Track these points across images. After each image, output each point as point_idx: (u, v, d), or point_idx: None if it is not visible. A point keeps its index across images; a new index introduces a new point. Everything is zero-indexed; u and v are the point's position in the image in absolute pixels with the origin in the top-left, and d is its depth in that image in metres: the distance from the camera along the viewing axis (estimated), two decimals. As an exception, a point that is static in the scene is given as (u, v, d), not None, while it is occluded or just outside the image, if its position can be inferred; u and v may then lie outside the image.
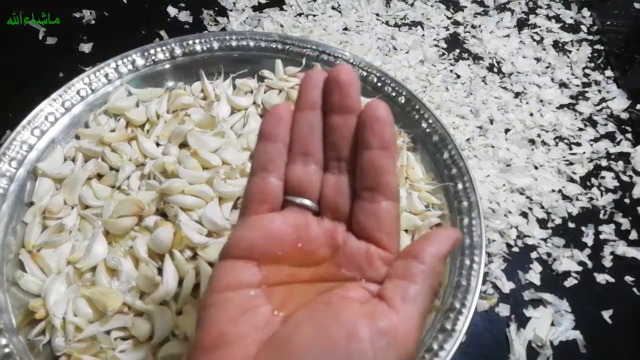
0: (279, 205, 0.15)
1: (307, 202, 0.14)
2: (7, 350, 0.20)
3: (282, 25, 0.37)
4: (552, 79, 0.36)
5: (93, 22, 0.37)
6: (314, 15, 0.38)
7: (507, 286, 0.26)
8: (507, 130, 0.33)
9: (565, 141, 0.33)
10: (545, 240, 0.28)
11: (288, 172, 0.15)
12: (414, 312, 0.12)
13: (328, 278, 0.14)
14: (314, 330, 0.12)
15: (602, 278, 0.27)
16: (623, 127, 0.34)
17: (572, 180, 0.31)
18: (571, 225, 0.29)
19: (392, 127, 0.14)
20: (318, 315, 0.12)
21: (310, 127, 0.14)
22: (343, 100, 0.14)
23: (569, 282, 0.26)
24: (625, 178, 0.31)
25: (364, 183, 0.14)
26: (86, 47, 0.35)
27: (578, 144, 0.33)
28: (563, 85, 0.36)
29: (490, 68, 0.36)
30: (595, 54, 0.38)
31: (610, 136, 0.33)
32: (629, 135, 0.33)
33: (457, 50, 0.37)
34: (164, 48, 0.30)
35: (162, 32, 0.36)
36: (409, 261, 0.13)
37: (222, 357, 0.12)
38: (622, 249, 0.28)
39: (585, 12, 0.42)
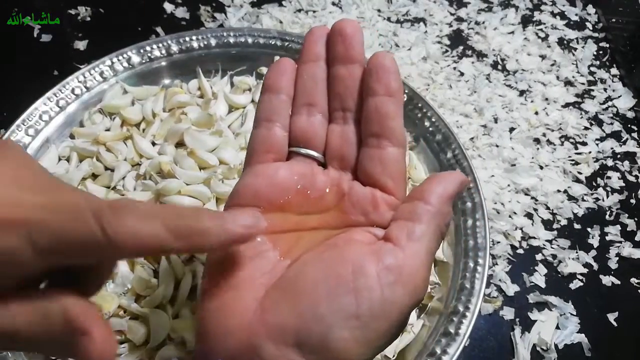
0: (284, 155, 0.15)
1: (312, 152, 0.14)
2: (2, 353, 0.19)
3: (281, 22, 0.37)
4: (558, 77, 0.36)
5: (88, 19, 0.36)
6: (314, 11, 0.38)
7: (511, 289, 0.25)
8: (511, 129, 0.32)
9: (571, 140, 0.32)
10: (550, 241, 0.27)
11: (293, 124, 0.15)
12: (420, 250, 0.12)
13: (334, 225, 0.14)
14: (320, 270, 0.12)
15: (607, 280, 0.26)
16: (629, 126, 0.33)
17: (577, 180, 0.30)
18: (577, 226, 0.28)
19: (397, 75, 0.13)
20: (324, 255, 0.12)
21: (314, 79, 0.14)
22: (347, 51, 0.14)
23: (575, 285, 0.26)
24: (631, 178, 0.31)
25: (370, 129, 0.14)
26: (81, 45, 0.34)
27: (584, 144, 0.32)
28: (568, 83, 0.35)
29: (494, 65, 0.36)
30: (601, 52, 0.38)
31: (616, 135, 0.33)
32: (634, 135, 0.33)
33: (461, 47, 0.37)
34: (160, 45, 0.30)
35: (159, 29, 0.35)
36: (415, 203, 0.13)
37: (230, 299, 0.12)
38: (627, 250, 0.27)
39: (590, 9, 0.41)
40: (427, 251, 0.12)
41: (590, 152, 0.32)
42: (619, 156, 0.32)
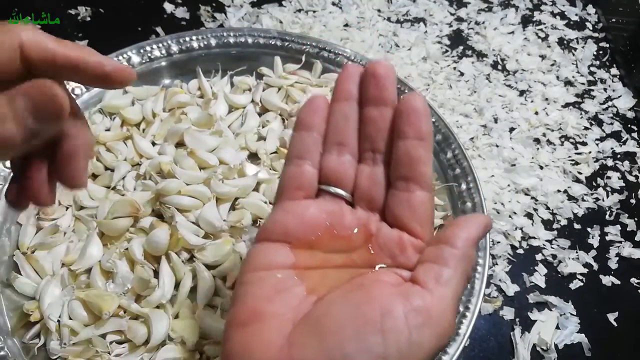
0: (313, 193, 0.15)
1: (341, 192, 0.15)
2: (2, 353, 0.19)
3: (281, 22, 0.37)
4: (558, 77, 0.36)
5: (88, 19, 0.36)
6: (314, 11, 0.38)
7: (511, 289, 0.25)
8: (511, 129, 0.32)
9: (571, 140, 0.32)
10: (550, 241, 0.27)
11: (323, 162, 0.15)
12: (447, 294, 0.12)
13: (360, 264, 0.14)
14: (347, 309, 0.12)
15: (607, 280, 0.26)
16: (629, 126, 0.33)
17: (577, 180, 0.30)
18: (577, 226, 0.28)
19: (428, 119, 0.14)
20: (351, 295, 0.12)
21: (345, 118, 0.15)
22: (379, 92, 0.14)
23: (575, 285, 0.26)
24: (631, 178, 0.31)
25: (399, 172, 0.14)
26: (81, 45, 0.34)
27: (584, 144, 0.32)
28: (568, 83, 0.36)
29: (494, 65, 0.36)
30: (601, 52, 0.38)
31: (616, 135, 0.33)
32: (634, 135, 0.33)
33: (461, 47, 0.37)
34: (160, 45, 0.30)
35: (159, 29, 0.36)
36: (441, 246, 0.13)
37: (256, 332, 0.12)
38: (627, 250, 0.27)
39: (590, 9, 0.41)
40: (454, 295, 0.12)
41: (590, 152, 0.32)
42: (619, 156, 0.32)
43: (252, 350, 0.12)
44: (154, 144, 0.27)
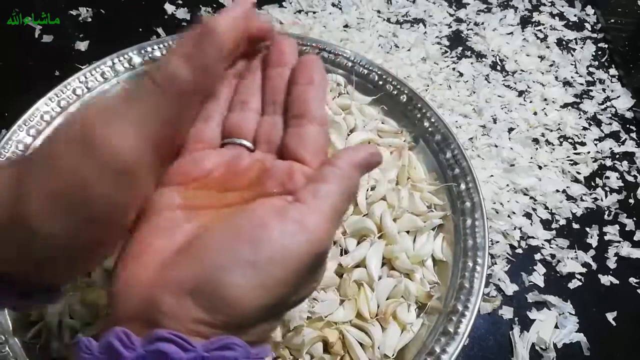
0: (215, 146, 0.15)
1: (244, 141, 0.15)
2: (3, 352, 0.19)
3: (281, 23, 0.37)
4: (556, 78, 0.36)
5: (90, 19, 0.36)
6: (314, 12, 0.38)
7: (510, 288, 0.25)
8: (510, 130, 0.32)
9: (570, 140, 0.32)
10: (549, 241, 0.28)
11: (226, 119, 0.16)
12: (325, 207, 0.12)
13: (253, 198, 0.14)
14: (224, 228, 0.12)
15: (606, 280, 0.26)
16: (628, 126, 0.34)
17: (576, 180, 0.31)
18: (575, 226, 0.28)
19: (320, 69, 0.15)
20: (231, 217, 0.13)
21: (250, 82, 0.16)
22: (278, 57, 0.16)
23: (573, 284, 0.26)
24: (629, 178, 0.31)
25: (292, 112, 0.15)
26: (82, 45, 0.35)
27: (582, 144, 0.32)
28: (567, 83, 0.36)
29: (493, 66, 0.36)
30: (600, 52, 0.38)
31: (614, 135, 0.33)
32: (633, 135, 0.33)
33: (460, 48, 0.37)
34: (161, 45, 0.30)
35: (160, 30, 0.36)
36: (324, 167, 0.13)
37: (138, 264, 0.12)
38: (626, 250, 0.27)
39: (589, 9, 0.41)
40: (332, 208, 0.12)
41: (589, 152, 0.32)
42: (617, 156, 0.32)
43: (131, 279, 0.12)
44: (154, 144, 0.27)
